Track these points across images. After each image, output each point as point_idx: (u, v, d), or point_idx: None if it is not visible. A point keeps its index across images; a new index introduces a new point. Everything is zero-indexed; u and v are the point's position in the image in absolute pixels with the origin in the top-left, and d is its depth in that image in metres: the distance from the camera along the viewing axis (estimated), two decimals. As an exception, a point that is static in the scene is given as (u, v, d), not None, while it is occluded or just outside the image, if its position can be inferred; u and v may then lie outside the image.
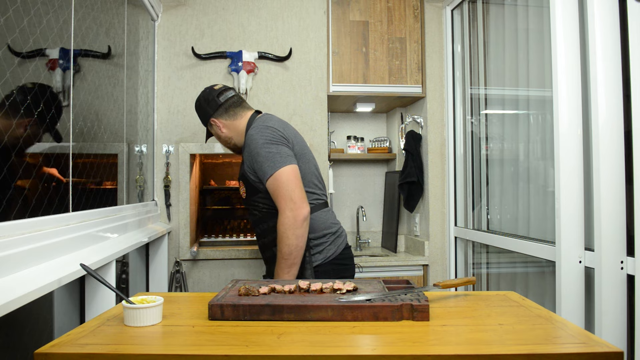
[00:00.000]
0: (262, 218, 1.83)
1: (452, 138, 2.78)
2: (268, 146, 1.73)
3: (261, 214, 1.83)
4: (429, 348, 0.92)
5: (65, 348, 0.93)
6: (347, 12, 2.82)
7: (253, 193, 1.82)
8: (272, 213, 1.79)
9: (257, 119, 1.88)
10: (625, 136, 1.58)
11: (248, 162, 1.78)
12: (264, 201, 1.79)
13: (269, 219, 1.81)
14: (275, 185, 1.70)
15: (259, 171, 1.74)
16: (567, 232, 1.71)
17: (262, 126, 1.78)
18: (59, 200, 1.43)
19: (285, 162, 1.71)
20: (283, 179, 1.69)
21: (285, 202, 1.68)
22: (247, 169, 1.80)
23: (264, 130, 1.76)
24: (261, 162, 1.72)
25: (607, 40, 1.59)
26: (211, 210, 3.24)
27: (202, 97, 1.94)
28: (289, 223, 1.66)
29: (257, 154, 1.73)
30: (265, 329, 1.04)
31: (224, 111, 1.91)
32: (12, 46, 1.19)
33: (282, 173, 1.69)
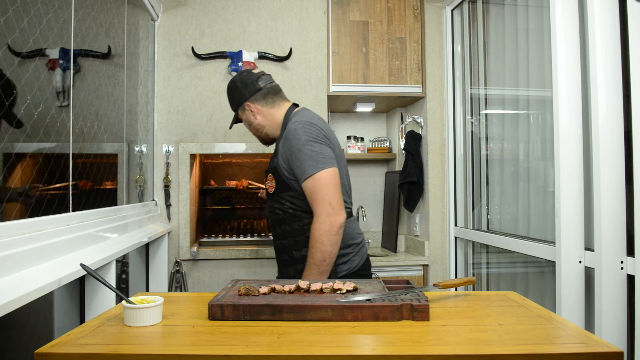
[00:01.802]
0: (286, 219, 1.74)
1: (452, 138, 2.78)
2: (311, 144, 1.64)
3: (285, 214, 1.74)
4: (429, 348, 0.92)
5: (65, 348, 0.93)
6: (347, 12, 2.82)
7: (283, 189, 1.72)
8: (298, 215, 1.71)
9: (297, 112, 1.79)
10: (625, 136, 1.58)
11: (285, 156, 1.69)
12: (292, 200, 1.71)
13: (293, 220, 1.72)
14: (314, 187, 1.62)
15: (298, 169, 1.65)
16: (567, 232, 1.71)
17: (306, 122, 1.69)
18: (58, 200, 1.43)
19: (327, 163, 1.63)
20: (323, 182, 1.62)
21: (322, 206, 1.60)
22: (282, 163, 1.71)
23: (309, 127, 1.67)
24: (302, 159, 1.63)
25: (607, 40, 1.59)
26: (211, 210, 3.23)
27: (239, 79, 1.83)
28: (325, 228, 1.59)
29: (298, 151, 1.64)
30: (265, 329, 1.04)
31: (262, 97, 1.81)
32: (12, 46, 1.19)
33: (324, 175, 1.62)
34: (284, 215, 1.74)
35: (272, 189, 1.77)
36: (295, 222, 1.72)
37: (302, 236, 1.71)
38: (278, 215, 1.77)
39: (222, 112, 2.67)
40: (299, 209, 1.71)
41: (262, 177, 3.43)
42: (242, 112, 1.86)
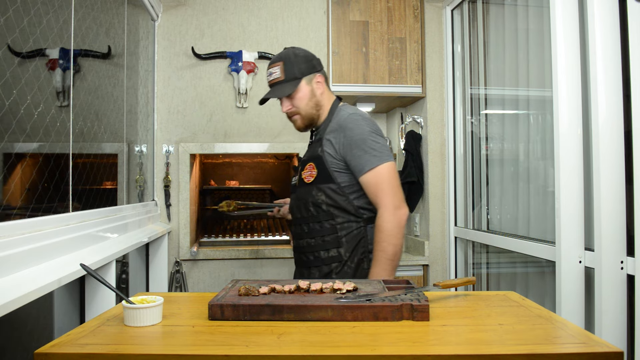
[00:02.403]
0: (317, 216, 1.66)
1: (452, 138, 2.78)
2: (374, 136, 1.61)
3: (317, 210, 1.66)
4: (429, 348, 0.92)
5: (65, 348, 0.92)
6: (347, 12, 2.82)
7: (324, 180, 1.64)
8: (331, 212, 1.65)
9: (347, 105, 1.75)
10: (625, 136, 1.58)
11: (340, 145, 1.62)
12: (330, 194, 1.64)
13: (325, 217, 1.65)
14: (380, 179, 1.58)
15: (359, 159, 1.59)
16: (567, 232, 1.71)
17: (365, 114, 1.68)
18: (59, 200, 1.43)
19: (389, 157, 1.61)
20: (391, 174, 1.59)
21: (390, 198, 1.57)
22: (331, 152, 1.64)
23: (368, 120, 1.65)
24: (366, 150, 1.58)
25: (607, 40, 1.59)
26: (211, 210, 3.24)
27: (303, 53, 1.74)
28: (397, 221, 1.56)
29: (362, 141, 1.59)
30: (265, 329, 1.04)
31: (325, 76, 1.77)
32: (12, 46, 1.19)
33: (389, 167, 1.59)
34: (316, 212, 1.67)
35: (310, 179, 1.68)
36: (327, 221, 1.65)
37: (333, 236, 1.65)
38: (308, 212, 1.68)
39: (222, 112, 2.67)
40: (334, 204, 1.64)
41: (262, 177, 3.44)
42: (307, 82, 1.71)
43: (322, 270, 1.67)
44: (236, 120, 2.67)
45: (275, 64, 1.73)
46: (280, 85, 1.71)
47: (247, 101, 2.67)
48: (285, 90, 1.70)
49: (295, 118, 1.76)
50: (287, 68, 1.70)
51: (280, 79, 1.71)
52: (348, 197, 1.64)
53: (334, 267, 1.66)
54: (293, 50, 1.74)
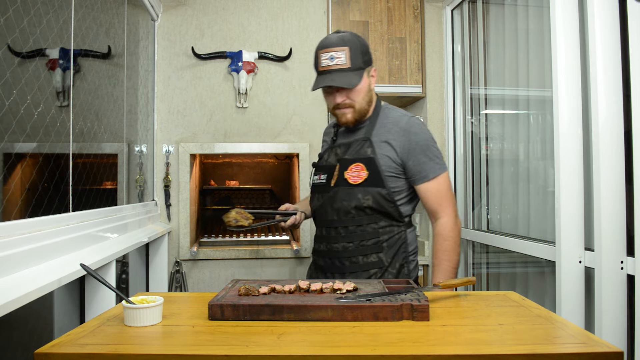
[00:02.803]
0: (358, 218, 1.58)
1: (452, 138, 2.78)
2: (435, 144, 1.59)
3: (359, 212, 1.58)
4: (429, 348, 0.92)
5: (65, 348, 0.92)
6: (347, 12, 2.82)
7: (374, 183, 1.55)
8: (375, 216, 1.58)
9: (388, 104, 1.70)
10: (625, 136, 1.58)
11: (401, 149, 1.56)
12: (379, 198, 1.56)
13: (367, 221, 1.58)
14: (442, 187, 1.57)
15: (421, 165, 1.56)
16: (567, 232, 1.71)
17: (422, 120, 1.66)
18: (59, 200, 1.43)
19: (446, 166, 1.61)
20: (449, 183, 1.59)
21: (451, 207, 1.57)
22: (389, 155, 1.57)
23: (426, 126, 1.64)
24: (430, 158, 1.56)
25: (607, 40, 1.59)
26: (211, 210, 3.24)
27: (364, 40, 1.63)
28: (458, 230, 1.57)
29: (426, 148, 1.56)
30: (265, 329, 1.04)
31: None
32: (12, 46, 1.19)
33: (447, 176, 1.60)
34: (358, 214, 1.58)
35: (358, 180, 1.57)
36: (369, 224, 1.58)
37: (374, 240, 1.58)
38: (348, 214, 1.59)
39: (222, 112, 2.67)
40: (381, 209, 1.57)
41: (262, 177, 3.43)
42: (367, 74, 1.62)
43: (359, 277, 1.58)
44: (236, 120, 2.67)
45: (339, 48, 1.56)
46: (344, 73, 1.56)
47: (247, 101, 2.67)
48: (353, 80, 1.56)
49: (345, 111, 1.62)
50: (354, 55, 1.56)
51: (346, 67, 1.56)
52: (395, 203, 1.58)
53: (373, 274, 1.58)
54: (357, 37, 1.60)
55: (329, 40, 1.59)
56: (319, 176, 1.72)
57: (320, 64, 1.59)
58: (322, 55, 1.58)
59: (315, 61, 1.61)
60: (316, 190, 1.72)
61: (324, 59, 1.58)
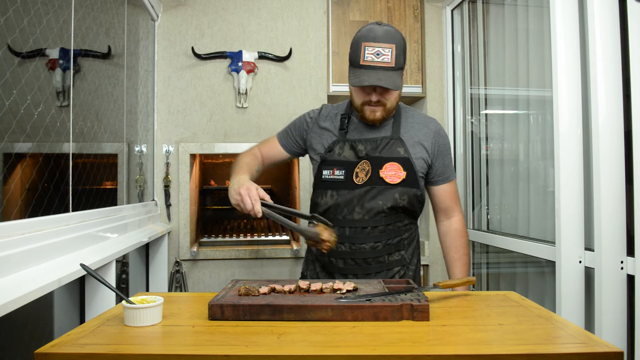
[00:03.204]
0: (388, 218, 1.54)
1: (452, 138, 2.78)
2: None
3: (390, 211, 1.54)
4: (429, 348, 0.92)
5: (65, 348, 0.92)
6: (347, 12, 2.82)
7: (412, 184, 1.54)
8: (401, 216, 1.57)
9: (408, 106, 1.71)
10: (625, 136, 1.58)
11: (432, 150, 1.59)
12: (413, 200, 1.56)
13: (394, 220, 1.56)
14: (454, 188, 1.69)
15: (445, 167, 1.64)
16: (567, 232, 1.71)
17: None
18: (59, 200, 1.43)
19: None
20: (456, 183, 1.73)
21: (459, 207, 1.71)
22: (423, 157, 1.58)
23: None
24: (451, 159, 1.67)
25: (607, 40, 1.59)
26: (211, 210, 3.24)
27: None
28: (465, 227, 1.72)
29: (450, 151, 1.67)
30: (265, 329, 1.04)
31: None
32: (12, 46, 1.19)
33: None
34: (389, 214, 1.54)
35: (397, 180, 1.52)
36: (395, 223, 1.56)
37: (398, 238, 1.57)
38: (381, 212, 1.53)
39: (222, 112, 2.67)
40: (412, 209, 1.58)
41: (262, 177, 3.43)
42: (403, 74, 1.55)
43: (384, 277, 1.55)
44: (236, 120, 2.67)
45: (387, 45, 1.47)
46: (389, 72, 1.48)
47: (247, 101, 2.67)
48: (397, 81, 1.49)
49: (376, 109, 1.55)
50: (398, 54, 1.48)
51: (390, 65, 1.47)
52: (419, 201, 1.60)
53: (396, 272, 1.57)
54: (400, 34, 1.51)
55: (374, 32, 1.48)
56: (332, 171, 1.59)
57: (363, 58, 1.48)
58: (368, 48, 1.47)
59: (356, 53, 1.50)
60: (329, 186, 1.59)
61: (368, 52, 1.47)
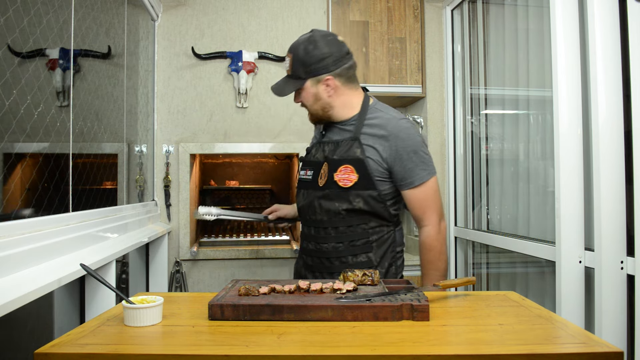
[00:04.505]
0: (349, 220, 1.57)
1: (452, 138, 2.78)
2: (425, 147, 1.55)
3: (349, 214, 1.56)
4: (429, 348, 0.92)
5: (65, 348, 0.92)
6: (347, 12, 2.82)
7: (365, 187, 1.53)
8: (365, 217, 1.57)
9: (380, 104, 1.64)
10: (625, 136, 1.58)
11: (388, 154, 1.52)
12: (370, 201, 1.55)
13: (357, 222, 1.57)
14: (427, 194, 1.54)
15: (407, 172, 1.52)
16: (567, 232, 1.71)
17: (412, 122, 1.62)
18: (59, 200, 1.43)
19: (435, 169, 1.57)
20: (436, 188, 1.56)
21: (436, 214, 1.55)
22: (376, 159, 1.53)
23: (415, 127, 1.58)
24: (416, 163, 1.52)
25: (607, 40, 1.59)
26: (211, 210, 3.23)
27: (326, 45, 1.56)
28: (442, 238, 1.55)
29: (413, 153, 1.51)
30: (265, 329, 1.04)
31: (346, 73, 1.58)
32: (12, 46, 1.19)
33: (435, 181, 1.55)
34: (347, 215, 1.56)
35: (348, 183, 1.54)
36: (359, 225, 1.57)
37: (363, 240, 1.58)
38: (339, 215, 1.57)
39: (222, 112, 2.67)
40: (372, 211, 1.56)
41: (262, 177, 3.43)
42: (313, 83, 1.57)
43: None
44: (236, 120, 2.67)
45: (288, 54, 1.61)
46: (286, 79, 1.61)
47: (247, 101, 2.67)
48: (286, 89, 1.60)
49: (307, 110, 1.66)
50: (295, 64, 1.58)
51: (288, 73, 1.60)
52: (386, 204, 1.57)
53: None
54: (308, 44, 1.56)
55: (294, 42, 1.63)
56: (305, 171, 1.68)
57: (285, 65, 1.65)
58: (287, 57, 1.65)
59: None
60: (302, 186, 1.68)
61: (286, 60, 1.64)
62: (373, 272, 1.30)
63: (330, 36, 1.59)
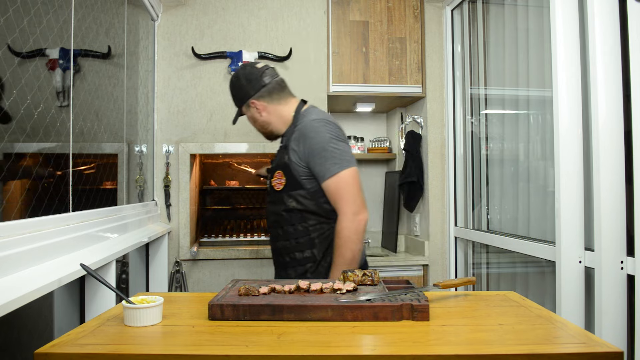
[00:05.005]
0: (289, 219, 1.70)
1: (452, 138, 2.78)
2: (336, 142, 1.63)
3: (289, 214, 1.70)
4: (429, 348, 0.92)
5: (65, 348, 0.92)
6: (347, 12, 2.82)
7: (294, 187, 1.68)
8: (303, 216, 1.68)
9: (309, 110, 1.75)
10: (625, 136, 1.58)
11: (302, 154, 1.65)
12: (301, 199, 1.67)
13: (298, 221, 1.69)
14: (339, 185, 1.61)
15: (319, 167, 1.62)
16: (567, 232, 1.71)
17: (326, 120, 1.67)
18: (59, 200, 1.43)
19: (351, 162, 1.63)
20: (349, 180, 1.61)
21: (349, 204, 1.60)
22: (296, 161, 1.66)
23: (330, 126, 1.66)
24: (326, 158, 1.61)
25: (607, 40, 1.59)
26: (211, 210, 3.23)
27: (243, 75, 1.76)
28: (354, 227, 1.59)
29: (322, 149, 1.61)
30: (265, 329, 1.04)
31: (267, 93, 1.75)
32: (12, 46, 1.19)
33: (349, 173, 1.61)
34: (288, 216, 1.70)
35: (280, 186, 1.71)
36: (300, 223, 1.69)
37: (306, 237, 1.69)
38: (281, 216, 1.72)
39: (222, 112, 2.67)
40: (306, 209, 1.68)
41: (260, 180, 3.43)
42: (246, 109, 1.80)
43: (297, 271, 1.72)
44: (236, 120, 2.67)
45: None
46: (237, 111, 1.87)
47: (247, 101, 2.66)
48: (234, 119, 1.87)
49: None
50: (232, 98, 1.84)
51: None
52: (318, 201, 1.67)
53: (308, 267, 1.70)
54: (233, 79, 1.80)
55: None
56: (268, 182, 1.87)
57: None
58: None
59: None
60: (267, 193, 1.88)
61: None
62: (373, 272, 1.31)
63: (248, 66, 1.79)
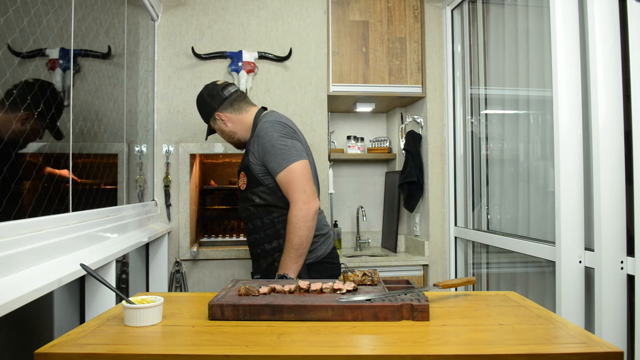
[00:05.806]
0: (257, 214, 1.85)
1: (452, 138, 2.78)
2: (283, 140, 1.77)
3: (256, 209, 1.85)
4: (429, 348, 0.92)
5: (65, 348, 0.93)
6: (347, 12, 2.82)
7: (254, 185, 1.84)
8: (268, 209, 1.83)
9: (267, 114, 1.91)
10: (625, 136, 1.58)
11: (257, 154, 1.81)
12: (263, 195, 1.82)
13: (264, 214, 1.84)
14: (288, 178, 1.74)
15: (271, 163, 1.77)
16: (567, 232, 1.71)
17: (275, 121, 1.82)
18: (58, 200, 1.43)
19: (299, 156, 1.76)
20: (297, 172, 1.74)
21: (298, 194, 1.72)
22: (253, 161, 1.82)
23: (278, 125, 1.80)
24: (275, 154, 1.75)
25: (607, 40, 1.59)
26: (211, 210, 3.23)
27: (206, 93, 1.95)
28: (302, 215, 1.70)
29: (271, 147, 1.76)
30: (265, 329, 1.04)
31: (229, 105, 1.93)
32: (12, 46, 1.19)
33: (297, 166, 1.74)
34: (255, 210, 1.85)
35: (244, 186, 1.87)
36: (266, 216, 1.84)
37: (272, 229, 1.84)
38: (249, 211, 1.87)
39: (222, 112, 2.67)
40: (269, 203, 1.82)
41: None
42: (213, 122, 1.97)
43: (267, 261, 1.86)
44: (236, 120, 2.67)
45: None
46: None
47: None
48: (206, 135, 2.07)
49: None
50: (201, 116, 2.02)
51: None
52: (277, 195, 1.80)
53: (276, 257, 1.83)
54: (200, 94, 1.97)
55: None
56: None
57: None
58: None
59: None
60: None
61: None
62: (373, 272, 1.31)
63: (209, 85, 1.97)
